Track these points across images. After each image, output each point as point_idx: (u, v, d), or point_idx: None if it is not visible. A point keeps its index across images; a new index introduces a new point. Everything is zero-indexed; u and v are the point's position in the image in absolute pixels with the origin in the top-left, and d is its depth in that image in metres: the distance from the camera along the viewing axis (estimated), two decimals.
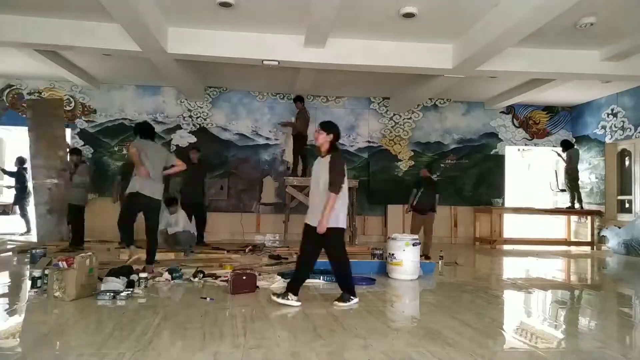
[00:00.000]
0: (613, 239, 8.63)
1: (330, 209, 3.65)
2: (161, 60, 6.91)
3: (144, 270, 4.46)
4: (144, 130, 5.10)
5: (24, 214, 9.34)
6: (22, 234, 8.85)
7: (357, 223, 9.11)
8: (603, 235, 9.03)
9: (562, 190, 10.01)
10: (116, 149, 9.45)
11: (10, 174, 9.49)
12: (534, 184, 11.02)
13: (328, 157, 3.80)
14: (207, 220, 8.27)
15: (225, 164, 9.63)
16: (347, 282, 3.86)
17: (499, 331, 3.24)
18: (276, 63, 6.72)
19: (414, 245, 5.07)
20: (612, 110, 9.35)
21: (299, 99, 8.77)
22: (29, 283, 4.14)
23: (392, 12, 5.71)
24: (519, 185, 10.83)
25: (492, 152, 10.37)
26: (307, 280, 4.70)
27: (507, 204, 10.15)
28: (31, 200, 8.62)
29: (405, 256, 5.04)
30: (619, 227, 8.63)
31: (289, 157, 9.00)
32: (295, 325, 3.20)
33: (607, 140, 9.45)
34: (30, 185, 9.37)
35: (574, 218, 10.06)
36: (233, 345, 2.67)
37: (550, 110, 10.56)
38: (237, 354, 2.53)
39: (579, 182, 9.45)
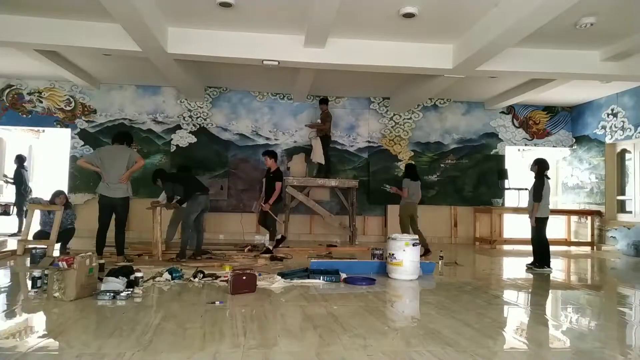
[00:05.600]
0: (622, 240, 8.54)
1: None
2: (161, 60, 6.91)
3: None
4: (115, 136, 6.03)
5: (20, 214, 8.99)
6: (12, 234, 8.49)
7: (357, 223, 9.11)
8: (612, 237, 8.92)
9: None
10: None
11: (12, 179, 9.22)
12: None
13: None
14: None
15: (225, 164, 9.63)
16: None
17: (499, 331, 3.23)
18: (276, 63, 6.72)
19: (414, 245, 5.07)
20: (612, 110, 9.35)
21: (324, 101, 8.93)
22: (29, 283, 4.14)
23: (392, 12, 5.71)
24: (519, 186, 10.79)
25: (492, 152, 10.37)
26: (307, 280, 4.73)
27: (507, 204, 10.15)
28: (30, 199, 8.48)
29: (405, 256, 5.04)
30: (628, 228, 8.52)
31: (319, 158, 8.92)
32: (295, 325, 3.20)
33: (607, 140, 9.45)
34: (30, 184, 9.35)
35: (574, 218, 10.06)
36: (233, 345, 2.67)
37: (550, 110, 10.57)
38: (237, 354, 2.53)
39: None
